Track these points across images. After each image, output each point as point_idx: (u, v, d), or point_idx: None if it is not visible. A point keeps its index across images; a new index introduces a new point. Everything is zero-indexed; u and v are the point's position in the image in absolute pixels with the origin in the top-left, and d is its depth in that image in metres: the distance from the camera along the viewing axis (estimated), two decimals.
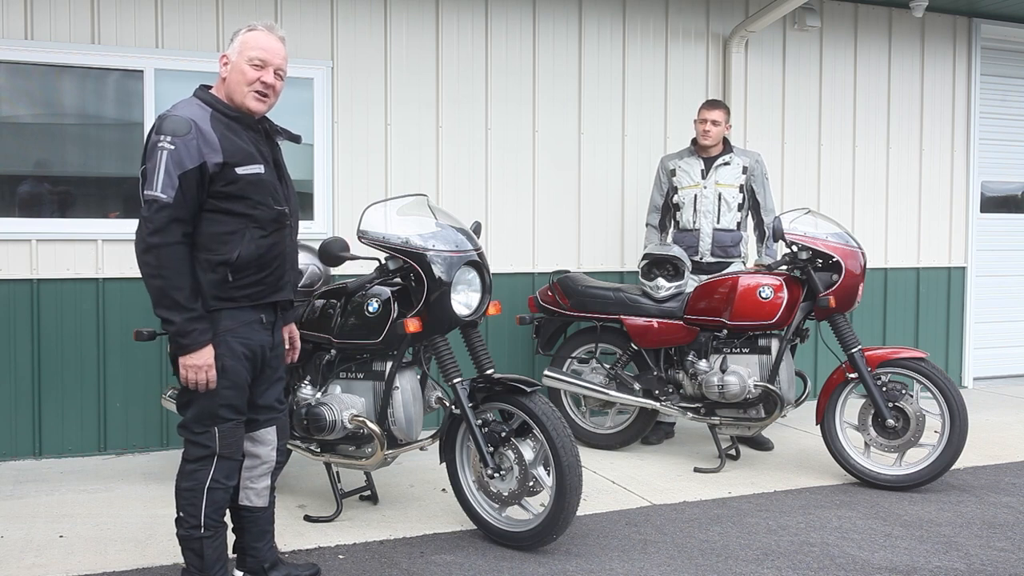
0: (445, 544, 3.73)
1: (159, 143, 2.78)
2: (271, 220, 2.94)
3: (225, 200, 2.84)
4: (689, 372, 4.95)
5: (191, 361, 2.81)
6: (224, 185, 2.82)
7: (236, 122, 2.92)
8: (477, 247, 3.72)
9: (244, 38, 2.95)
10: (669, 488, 4.56)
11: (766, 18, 6.12)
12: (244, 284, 2.89)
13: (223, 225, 2.85)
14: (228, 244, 2.84)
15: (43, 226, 5.01)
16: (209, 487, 2.93)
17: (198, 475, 2.93)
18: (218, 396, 2.89)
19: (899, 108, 7.08)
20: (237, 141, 2.88)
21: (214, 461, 2.93)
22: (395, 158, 5.67)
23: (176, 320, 2.77)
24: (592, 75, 6.15)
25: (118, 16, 5.09)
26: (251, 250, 2.88)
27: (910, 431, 4.47)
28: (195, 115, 2.85)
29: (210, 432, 2.91)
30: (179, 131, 2.78)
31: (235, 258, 2.84)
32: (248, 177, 2.86)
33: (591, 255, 6.18)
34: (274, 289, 2.99)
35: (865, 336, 6.69)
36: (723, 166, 5.34)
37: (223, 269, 2.84)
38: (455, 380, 3.68)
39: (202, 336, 2.80)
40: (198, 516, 2.93)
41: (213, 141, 2.81)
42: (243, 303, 2.91)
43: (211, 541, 2.96)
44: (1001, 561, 3.58)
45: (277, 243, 2.97)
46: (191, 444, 2.95)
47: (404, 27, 5.68)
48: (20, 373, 4.99)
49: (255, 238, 2.89)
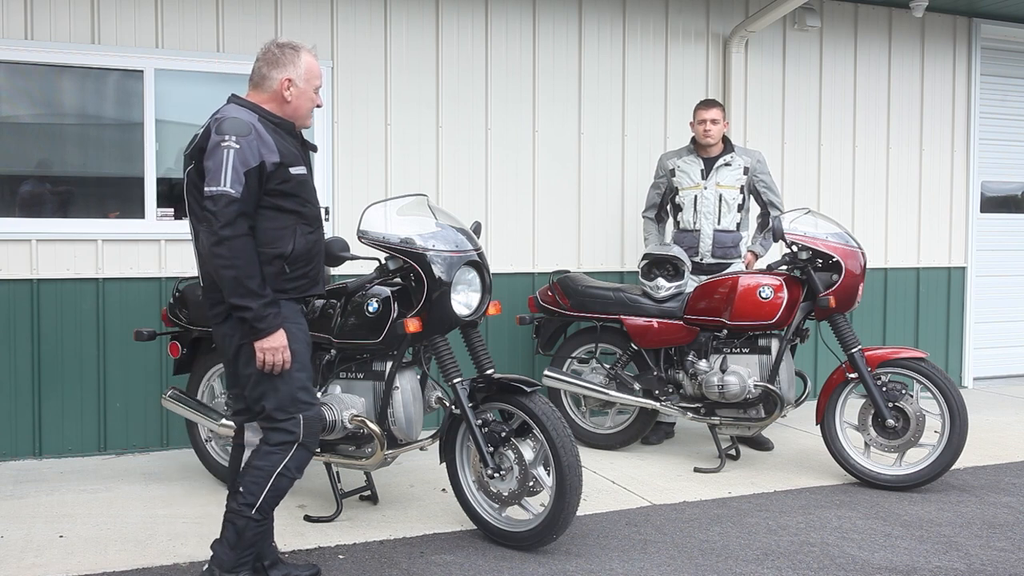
0: (445, 544, 3.73)
1: (223, 142, 2.95)
2: (315, 217, 3.19)
3: (280, 198, 3.05)
4: (689, 372, 4.94)
5: (268, 344, 2.98)
6: (279, 184, 3.03)
7: (280, 128, 3.13)
8: (477, 247, 3.72)
9: (308, 66, 3.17)
10: (669, 488, 4.56)
11: (766, 18, 6.12)
12: (295, 276, 3.11)
13: (277, 221, 3.05)
14: (283, 239, 3.05)
15: (43, 226, 5.01)
16: (279, 473, 3.04)
17: (273, 458, 3.05)
18: (294, 379, 3.06)
19: (899, 108, 7.08)
20: (285, 143, 3.10)
21: (294, 448, 3.06)
22: (395, 158, 5.67)
23: (253, 306, 2.94)
24: (592, 75, 6.15)
25: (118, 16, 5.09)
26: (302, 244, 3.10)
27: (910, 431, 4.47)
28: (251, 119, 3.04)
29: (295, 419, 3.06)
30: (241, 132, 2.97)
31: (290, 251, 3.06)
32: (298, 177, 3.10)
33: (591, 255, 6.18)
34: (314, 283, 3.21)
35: (865, 336, 6.68)
36: (724, 167, 5.34)
37: (279, 262, 3.05)
38: (455, 380, 3.68)
39: (276, 320, 2.99)
40: (257, 496, 3.02)
41: (270, 143, 3.02)
42: (293, 295, 3.11)
43: (257, 526, 3.04)
44: (1001, 561, 3.58)
45: (319, 240, 3.22)
46: (274, 430, 3.06)
47: (404, 27, 5.68)
48: (20, 373, 4.99)
49: (304, 233, 3.11)
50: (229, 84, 3.21)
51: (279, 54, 3.13)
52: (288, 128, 3.17)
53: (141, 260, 5.13)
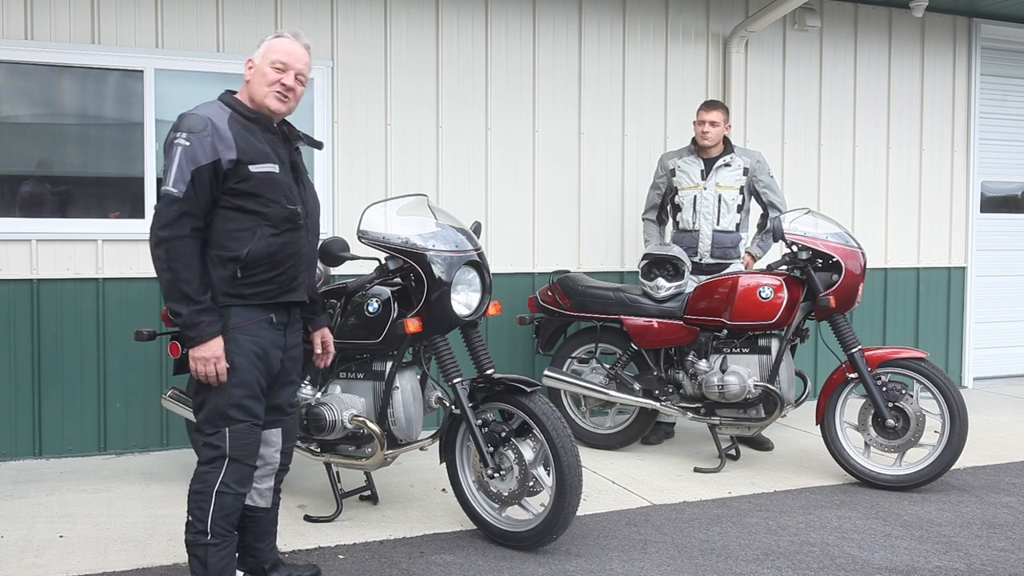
0: (445, 544, 3.73)
1: (175, 140, 2.86)
2: (283, 219, 2.97)
3: (238, 197, 2.89)
4: (689, 372, 4.94)
5: (199, 353, 2.83)
6: (237, 182, 2.88)
7: (254, 123, 2.99)
8: (477, 247, 3.72)
9: (270, 43, 3.05)
10: (669, 488, 4.56)
11: (766, 18, 6.12)
12: (255, 282, 2.92)
13: (235, 222, 2.90)
14: (239, 240, 2.89)
15: (43, 226, 5.01)
16: (218, 491, 2.90)
17: (208, 477, 2.91)
18: (228, 395, 2.89)
19: (899, 108, 7.08)
20: (252, 140, 2.94)
21: (224, 463, 2.91)
22: (395, 158, 5.67)
23: (184, 312, 2.80)
24: (592, 75, 6.15)
25: (118, 16, 5.09)
26: (261, 247, 2.91)
27: (910, 431, 4.47)
28: (213, 114, 2.92)
29: (221, 433, 2.90)
30: (195, 128, 2.86)
31: (245, 255, 2.88)
32: (260, 175, 2.91)
33: (591, 255, 6.18)
34: (286, 289, 3.01)
35: (865, 336, 6.69)
36: (723, 167, 5.34)
37: (232, 265, 2.88)
38: (455, 380, 3.68)
39: (210, 328, 2.83)
40: (205, 521, 2.90)
41: (228, 139, 2.88)
42: (253, 301, 2.93)
43: (216, 550, 2.91)
44: (1001, 561, 3.58)
45: (290, 242, 2.99)
46: (204, 446, 2.94)
47: (404, 27, 5.68)
48: (20, 373, 4.99)
49: (266, 235, 2.92)
50: (229, 84, 3.20)
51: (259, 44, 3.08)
52: (265, 123, 3.01)
53: (141, 260, 5.13)
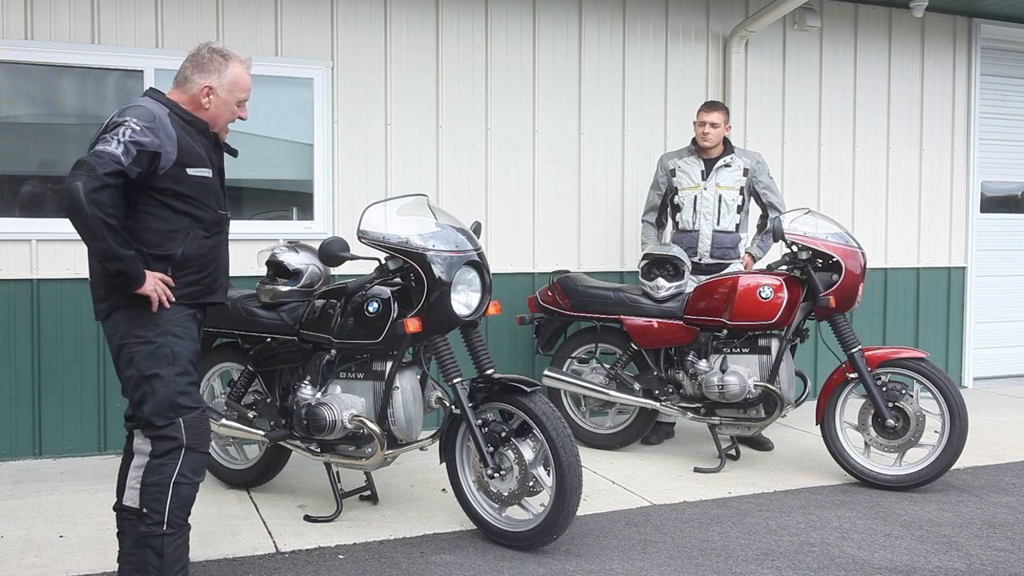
0: (445, 544, 3.73)
1: (124, 122, 2.87)
2: (213, 223, 3.07)
3: (174, 198, 2.95)
4: (689, 372, 4.94)
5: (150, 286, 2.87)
6: (173, 183, 2.94)
7: (191, 126, 3.04)
8: (477, 247, 3.72)
9: (233, 77, 3.09)
10: (669, 488, 4.56)
11: (766, 18, 6.12)
12: (185, 282, 3.00)
13: (169, 223, 2.96)
14: (173, 241, 2.96)
15: (43, 226, 5.01)
16: (175, 482, 2.91)
17: (164, 469, 2.91)
18: (174, 383, 2.93)
19: (899, 108, 7.08)
20: (192, 143, 3.00)
21: (182, 454, 2.93)
22: (395, 158, 5.67)
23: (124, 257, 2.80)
24: (592, 75, 6.15)
25: (118, 16, 5.09)
26: (193, 249, 3.00)
27: (910, 431, 4.47)
28: (157, 111, 2.96)
29: (175, 423, 2.92)
30: (144, 117, 2.90)
31: (178, 255, 2.97)
32: (197, 179, 2.99)
33: (591, 255, 6.18)
34: (210, 290, 3.10)
35: (865, 336, 6.69)
36: (723, 168, 5.34)
37: (164, 264, 2.95)
38: (455, 380, 3.68)
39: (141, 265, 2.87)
40: (162, 512, 2.90)
41: (172, 137, 2.93)
42: (181, 301, 3.00)
43: (172, 539, 2.92)
44: (1001, 561, 3.58)
45: (217, 246, 3.11)
46: (156, 439, 2.93)
47: (404, 27, 5.68)
48: (20, 373, 4.99)
49: (198, 238, 3.02)
50: None
51: (207, 59, 3.05)
52: (201, 127, 3.06)
53: None
